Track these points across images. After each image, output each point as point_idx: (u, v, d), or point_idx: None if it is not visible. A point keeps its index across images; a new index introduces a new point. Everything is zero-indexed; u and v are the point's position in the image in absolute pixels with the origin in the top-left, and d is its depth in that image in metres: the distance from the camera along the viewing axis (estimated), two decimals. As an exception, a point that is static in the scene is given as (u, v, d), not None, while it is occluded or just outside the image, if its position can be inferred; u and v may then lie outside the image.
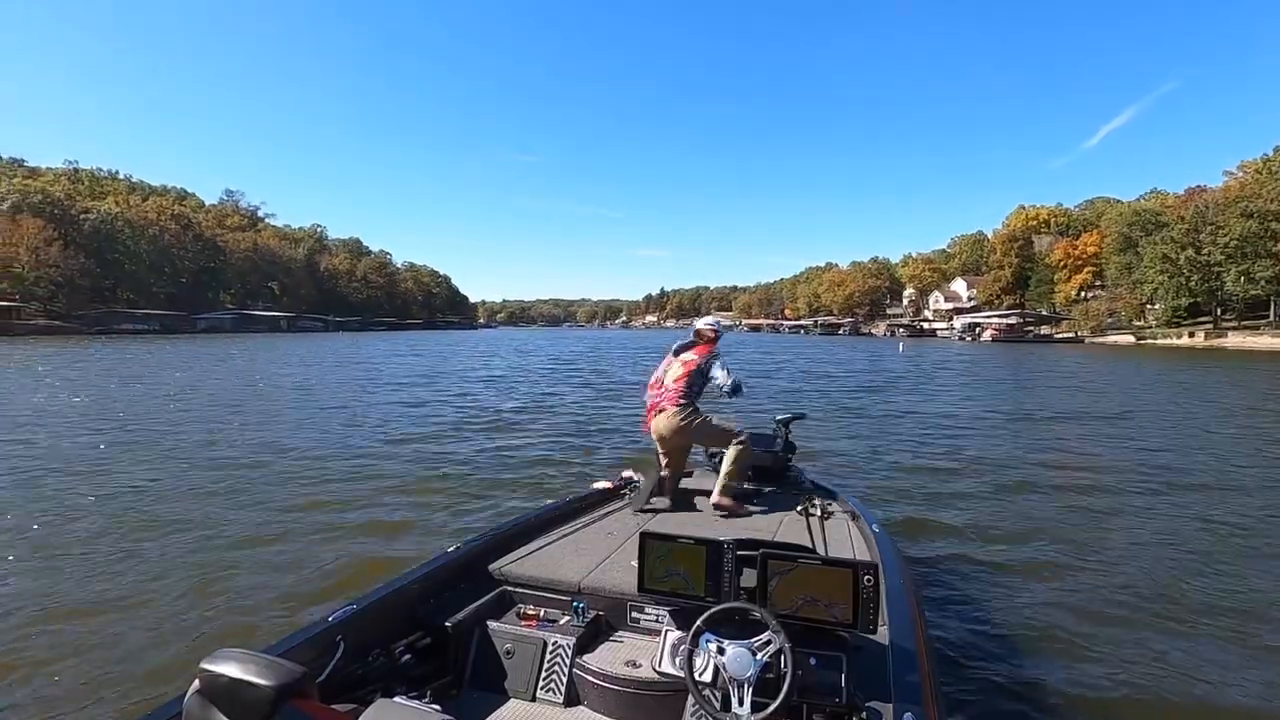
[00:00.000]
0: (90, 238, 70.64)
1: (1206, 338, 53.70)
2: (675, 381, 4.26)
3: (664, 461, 4.20)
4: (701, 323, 4.67)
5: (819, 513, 3.05)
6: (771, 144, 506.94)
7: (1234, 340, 50.92)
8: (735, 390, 4.28)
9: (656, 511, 3.90)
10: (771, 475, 4.42)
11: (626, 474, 4.28)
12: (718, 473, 4.12)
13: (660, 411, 4.21)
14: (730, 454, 4.03)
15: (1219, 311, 58.86)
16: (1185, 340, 54.87)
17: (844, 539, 3.37)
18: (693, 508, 4.06)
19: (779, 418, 4.77)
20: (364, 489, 7.07)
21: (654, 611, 2.64)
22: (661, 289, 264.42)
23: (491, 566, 2.94)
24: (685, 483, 4.27)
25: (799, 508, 3.35)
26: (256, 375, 22.10)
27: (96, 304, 68.43)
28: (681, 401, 4.18)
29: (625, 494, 4.11)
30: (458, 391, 17.78)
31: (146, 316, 70.83)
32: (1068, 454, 9.47)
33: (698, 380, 4.28)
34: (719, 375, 4.27)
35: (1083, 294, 75.72)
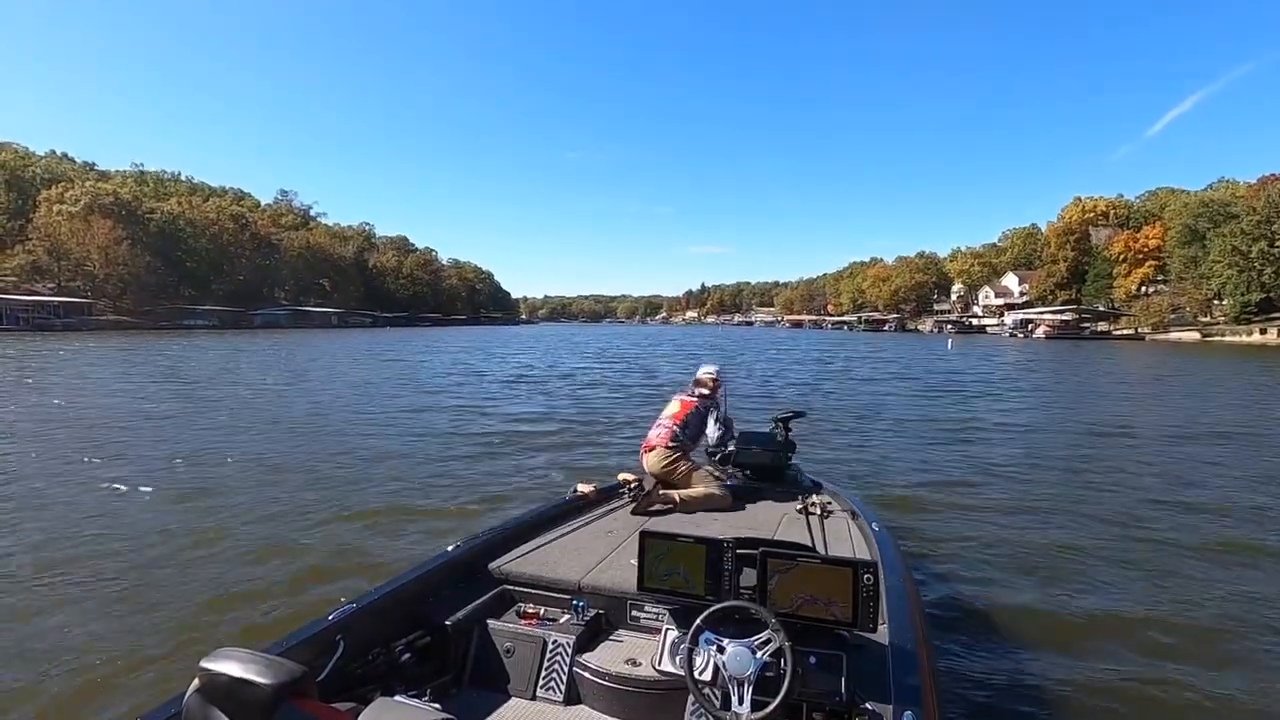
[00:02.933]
0: (155, 237, 74.16)
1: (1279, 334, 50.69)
2: (670, 419, 4.41)
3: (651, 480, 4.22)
4: (702, 371, 4.78)
5: (819, 511, 3.01)
6: (819, 139, 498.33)
7: (1310, 338, 47.98)
8: (721, 441, 4.50)
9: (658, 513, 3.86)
10: (771, 474, 4.37)
11: (623, 476, 4.27)
12: (712, 472, 4.25)
13: (651, 450, 4.30)
14: (701, 490, 4.02)
15: (1294, 307, 55.52)
16: (1256, 337, 51.88)
17: (844, 538, 3.33)
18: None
19: (778, 416, 4.70)
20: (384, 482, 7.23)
21: (654, 610, 2.63)
22: (702, 284, 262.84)
23: (491, 565, 2.96)
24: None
25: (799, 506, 3.30)
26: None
27: (161, 300, 71.78)
28: (671, 444, 4.26)
29: (624, 493, 4.10)
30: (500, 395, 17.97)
31: (208, 313, 74.06)
32: (1101, 463, 9.06)
33: (694, 421, 4.42)
34: (712, 433, 4.48)
35: (1143, 289, 72.32)
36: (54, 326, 55.01)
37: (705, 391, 4.63)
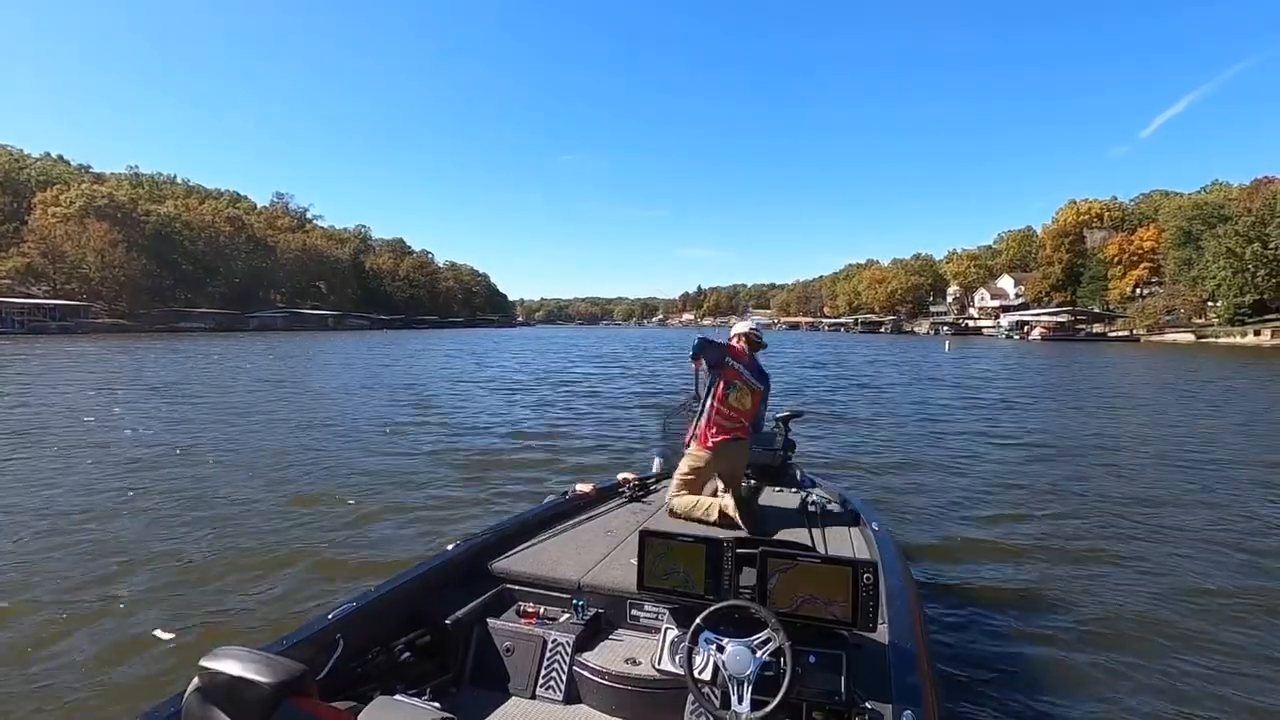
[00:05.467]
0: (151, 240, 73.91)
1: (1274, 335, 50.90)
2: (746, 415, 3.89)
3: (721, 486, 3.83)
4: (746, 326, 4.19)
5: (819, 511, 3.02)
6: (814, 141, 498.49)
7: (1304, 339, 48.21)
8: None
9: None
10: (771, 474, 4.35)
11: (623, 476, 4.27)
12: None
13: (735, 440, 3.80)
14: (733, 502, 3.69)
15: (1288, 308, 55.88)
16: (1251, 339, 52.11)
17: (843, 537, 3.33)
18: None
19: (778, 415, 4.68)
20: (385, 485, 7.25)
21: (654, 609, 2.64)
22: (699, 287, 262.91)
23: (491, 564, 2.96)
24: None
25: (799, 506, 3.31)
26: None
27: (156, 303, 71.55)
28: (751, 438, 3.92)
29: (624, 492, 4.10)
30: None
31: (203, 315, 73.81)
32: (1096, 462, 9.12)
33: (761, 414, 4.01)
34: (763, 423, 4.05)
35: (1138, 291, 72.65)
36: (49, 329, 54.75)
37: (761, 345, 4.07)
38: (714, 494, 3.78)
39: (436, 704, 1.83)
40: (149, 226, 74.76)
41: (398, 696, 1.85)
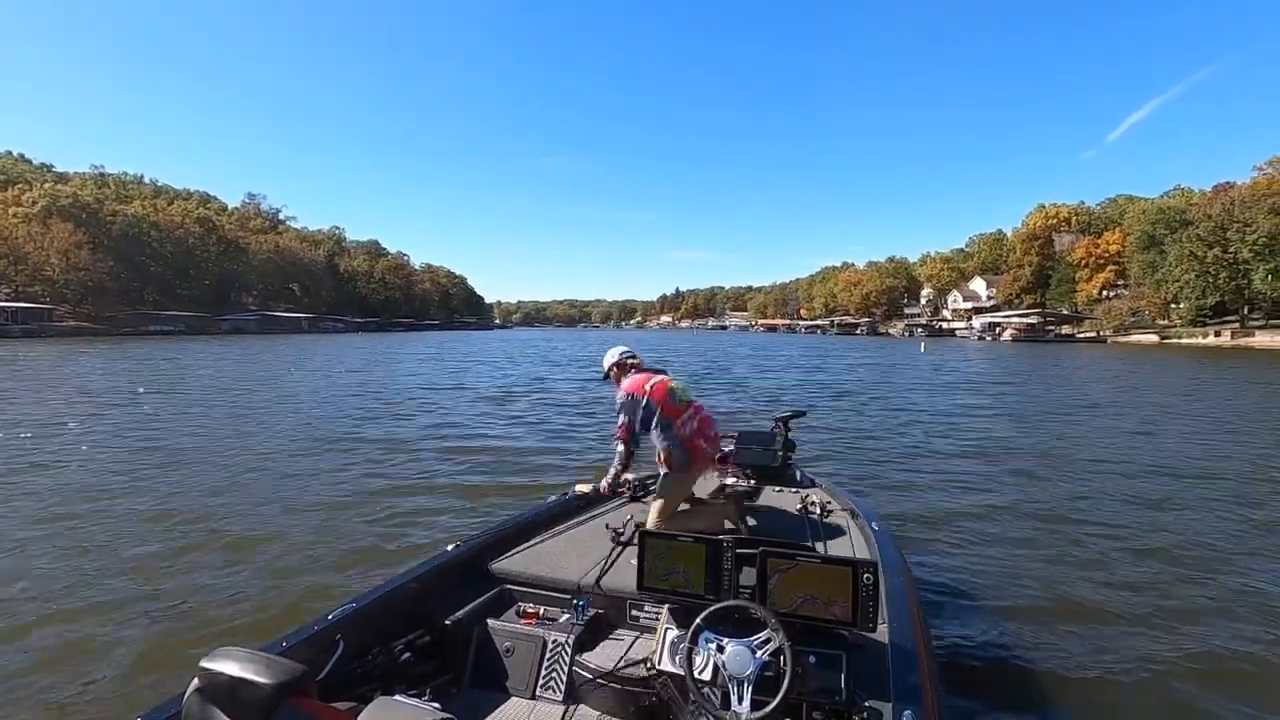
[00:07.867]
0: (118, 241, 72.02)
1: (1233, 336, 52.55)
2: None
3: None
4: (615, 355, 3.75)
5: (819, 511, 3.05)
6: (797, 144, 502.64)
7: (1262, 339, 49.67)
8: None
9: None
10: (771, 474, 4.37)
11: (623, 476, 4.29)
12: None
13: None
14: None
15: (1245, 310, 57.65)
16: (1211, 339, 53.73)
17: (843, 537, 3.35)
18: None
19: (778, 415, 4.69)
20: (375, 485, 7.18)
21: (653, 610, 2.65)
22: (677, 289, 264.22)
23: (491, 565, 2.97)
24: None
25: (798, 506, 3.34)
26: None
27: (124, 306, 69.73)
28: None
29: (625, 493, 4.12)
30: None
31: (173, 318, 71.97)
32: (1089, 460, 9.29)
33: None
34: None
35: (1104, 293, 74.45)
36: (11, 333, 53.02)
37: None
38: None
39: (437, 704, 1.83)
40: (115, 228, 72.83)
41: (398, 697, 1.85)
